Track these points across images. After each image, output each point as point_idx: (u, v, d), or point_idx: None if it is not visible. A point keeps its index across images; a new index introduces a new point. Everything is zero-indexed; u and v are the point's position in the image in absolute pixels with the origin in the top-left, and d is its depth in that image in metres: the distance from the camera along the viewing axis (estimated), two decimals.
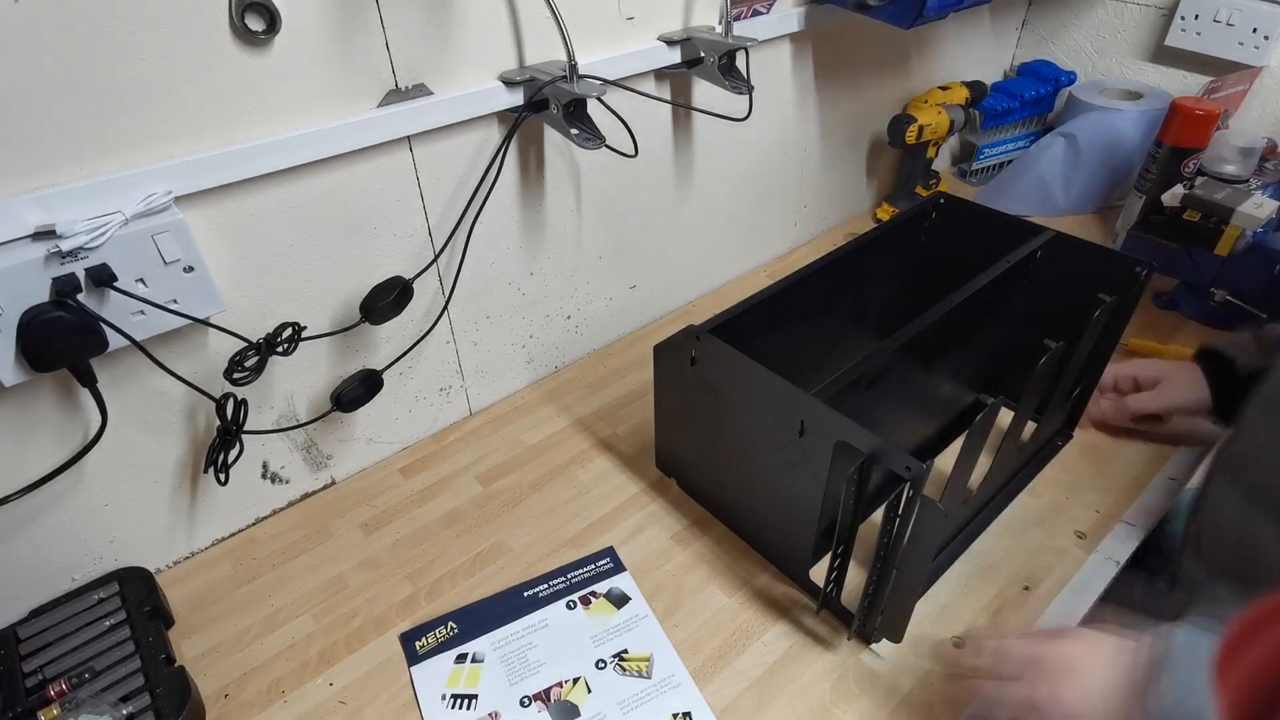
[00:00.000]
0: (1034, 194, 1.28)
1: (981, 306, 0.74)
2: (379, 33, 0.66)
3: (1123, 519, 0.78)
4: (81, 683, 0.61)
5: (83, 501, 0.69)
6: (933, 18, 0.95)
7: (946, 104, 1.21)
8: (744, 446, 0.70)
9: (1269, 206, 0.95)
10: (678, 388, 0.75)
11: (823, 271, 0.78)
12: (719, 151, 1.03)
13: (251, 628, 0.71)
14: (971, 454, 0.64)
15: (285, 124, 0.65)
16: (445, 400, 0.92)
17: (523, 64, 0.77)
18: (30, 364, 0.57)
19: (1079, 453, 0.86)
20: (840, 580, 0.67)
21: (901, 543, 0.58)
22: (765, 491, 0.70)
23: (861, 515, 0.63)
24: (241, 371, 0.68)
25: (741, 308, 0.72)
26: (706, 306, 1.13)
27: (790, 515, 0.68)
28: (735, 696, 0.64)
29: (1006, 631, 0.61)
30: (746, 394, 0.66)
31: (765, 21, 0.95)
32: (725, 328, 0.70)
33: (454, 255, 0.83)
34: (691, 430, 0.76)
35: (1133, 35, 1.31)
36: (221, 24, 0.58)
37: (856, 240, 0.82)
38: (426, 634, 0.70)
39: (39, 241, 0.55)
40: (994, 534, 0.77)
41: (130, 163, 0.58)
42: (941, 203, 0.87)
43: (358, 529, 0.81)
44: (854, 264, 0.82)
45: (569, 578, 0.74)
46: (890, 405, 0.72)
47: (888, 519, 0.58)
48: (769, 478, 0.69)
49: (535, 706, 0.64)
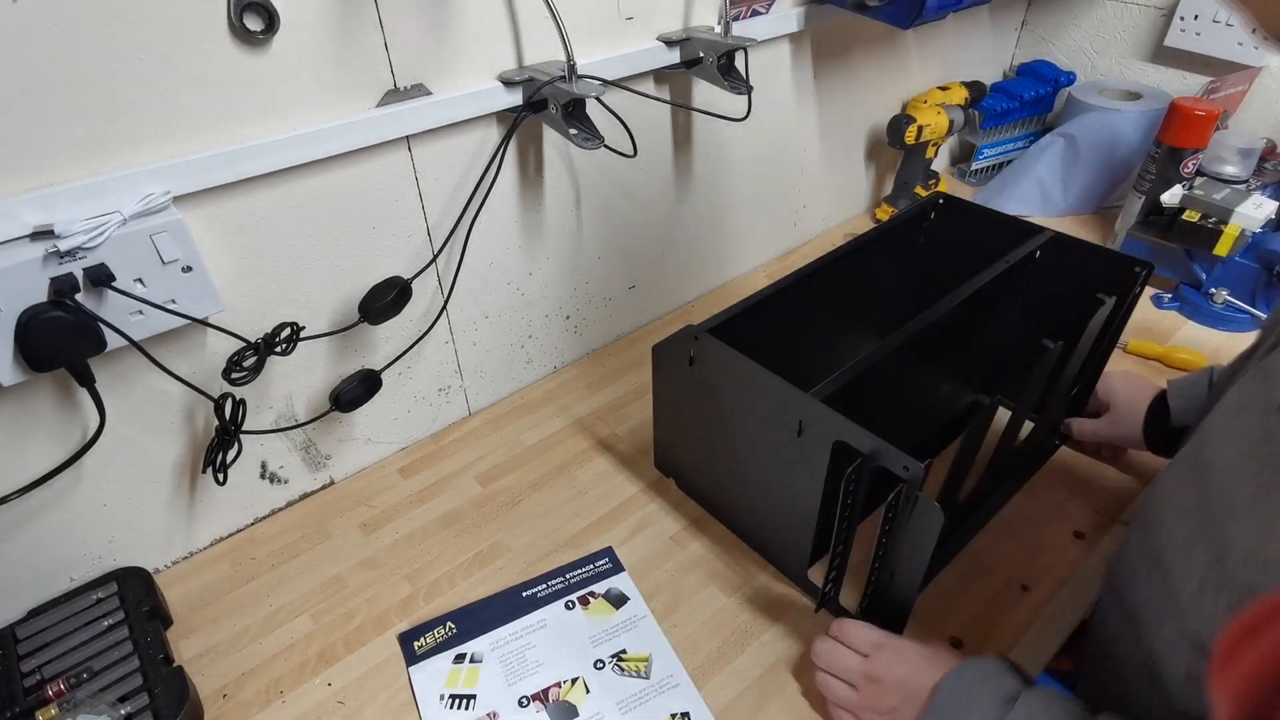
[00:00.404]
0: (1033, 194, 1.28)
1: (980, 307, 0.74)
2: (378, 32, 0.66)
3: (1121, 519, 0.78)
4: (80, 683, 0.61)
5: (81, 501, 0.69)
6: (932, 18, 0.95)
7: (946, 104, 1.21)
8: (742, 446, 0.70)
9: (1268, 207, 0.95)
10: (676, 388, 0.75)
11: (821, 272, 0.78)
12: (718, 152, 1.03)
13: (250, 628, 0.71)
14: (969, 454, 0.64)
15: (283, 124, 0.65)
16: (444, 400, 0.92)
17: (522, 64, 0.77)
18: (28, 364, 0.57)
19: (1078, 452, 0.86)
20: (839, 580, 0.67)
21: (900, 542, 0.58)
22: (764, 491, 0.70)
23: (860, 515, 0.63)
24: (240, 371, 0.68)
25: (740, 308, 0.72)
26: (706, 306, 1.13)
27: (789, 515, 0.68)
28: (734, 697, 0.64)
29: (845, 630, 0.62)
30: (745, 394, 0.66)
31: (764, 21, 0.95)
32: (724, 327, 0.70)
33: (453, 255, 0.83)
34: (690, 430, 0.76)
35: (1132, 35, 1.31)
36: (220, 24, 0.58)
37: (855, 241, 0.82)
38: (425, 634, 0.70)
39: (37, 241, 0.55)
40: (992, 534, 0.77)
41: (128, 162, 0.58)
42: (940, 203, 0.87)
43: (356, 529, 0.81)
44: (853, 264, 0.82)
45: (568, 578, 0.74)
46: (888, 405, 0.72)
47: (886, 519, 0.58)
48: (767, 478, 0.69)
49: (534, 707, 0.64)
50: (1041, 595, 0.71)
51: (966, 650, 0.67)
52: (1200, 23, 1.20)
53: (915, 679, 0.56)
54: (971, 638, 0.68)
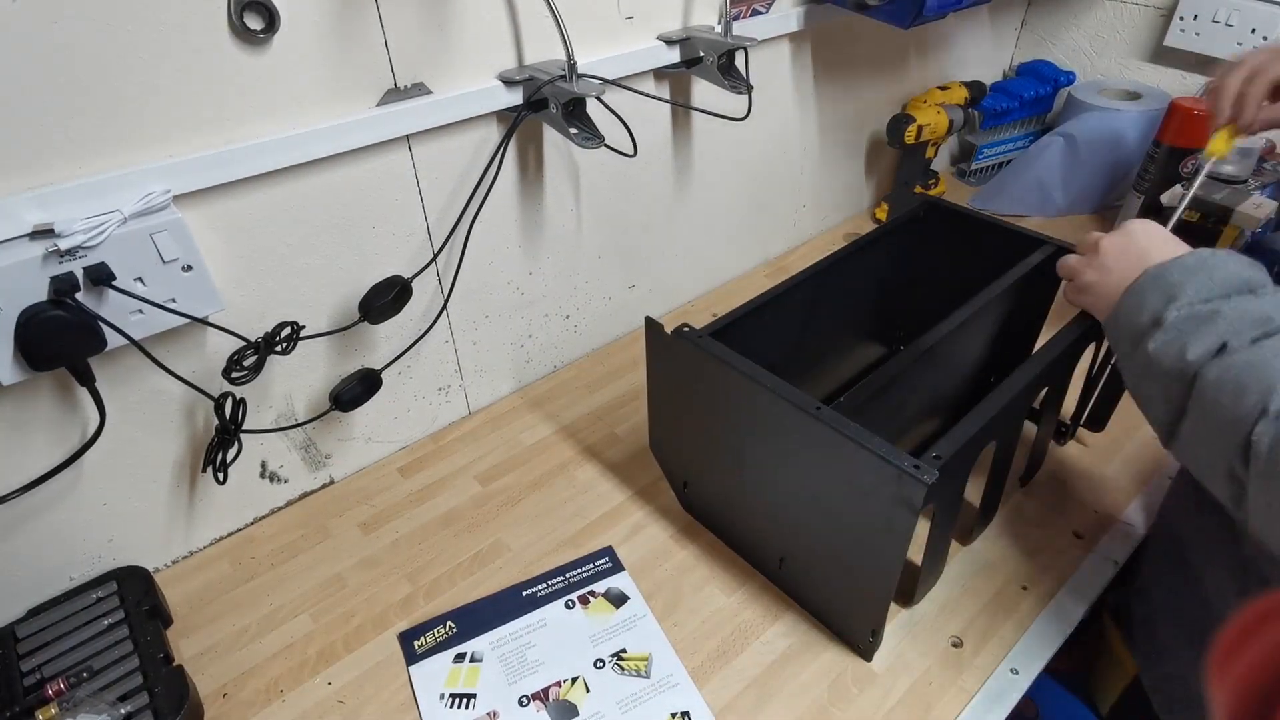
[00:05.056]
0: (1032, 194, 1.28)
1: (986, 315, 0.74)
2: (378, 31, 0.66)
3: (1121, 519, 0.78)
4: (79, 682, 0.61)
5: (81, 500, 0.69)
6: (932, 18, 0.95)
7: (945, 104, 1.21)
8: (740, 447, 0.70)
9: (1268, 207, 0.95)
10: (671, 387, 0.75)
11: (815, 278, 0.78)
12: (718, 151, 1.03)
13: (250, 627, 0.71)
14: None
15: (284, 123, 0.65)
16: (444, 400, 0.92)
17: (522, 63, 0.77)
18: (28, 363, 0.57)
19: (1077, 452, 0.86)
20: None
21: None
22: (765, 499, 0.70)
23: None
24: (240, 370, 0.68)
25: (738, 313, 0.72)
26: (705, 306, 1.13)
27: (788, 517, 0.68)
28: (734, 696, 0.64)
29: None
30: (743, 397, 0.66)
31: (764, 21, 0.95)
32: (724, 331, 0.70)
33: (453, 254, 0.82)
34: (688, 431, 0.76)
35: (1131, 35, 1.31)
36: (220, 23, 0.58)
37: (848, 246, 0.82)
38: (425, 633, 0.70)
39: (37, 240, 0.55)
40: (992, 534, 0.77)
41: (128, 161, 0.58)
42: (922, 215, 0.88)
43: (356, 528, 0.81)
44: (850, 268, 0.82)
45: (567, 577, 0.74)
46: (893, 408, 0.72)
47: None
48: (767, 478, 0.68)
49: (534, 706, 0.64)
50: (1041, 595, 0.71)
51: (966, 650, 0.67)
52: (1200, 23, 1.20)
53: (1139, 247, 0.60)
54: (971, 637, 0.68)
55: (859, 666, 0.66)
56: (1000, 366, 0.88)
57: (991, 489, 0.74)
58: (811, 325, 0.82)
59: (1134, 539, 0.76)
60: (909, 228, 0.88)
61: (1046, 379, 0.68)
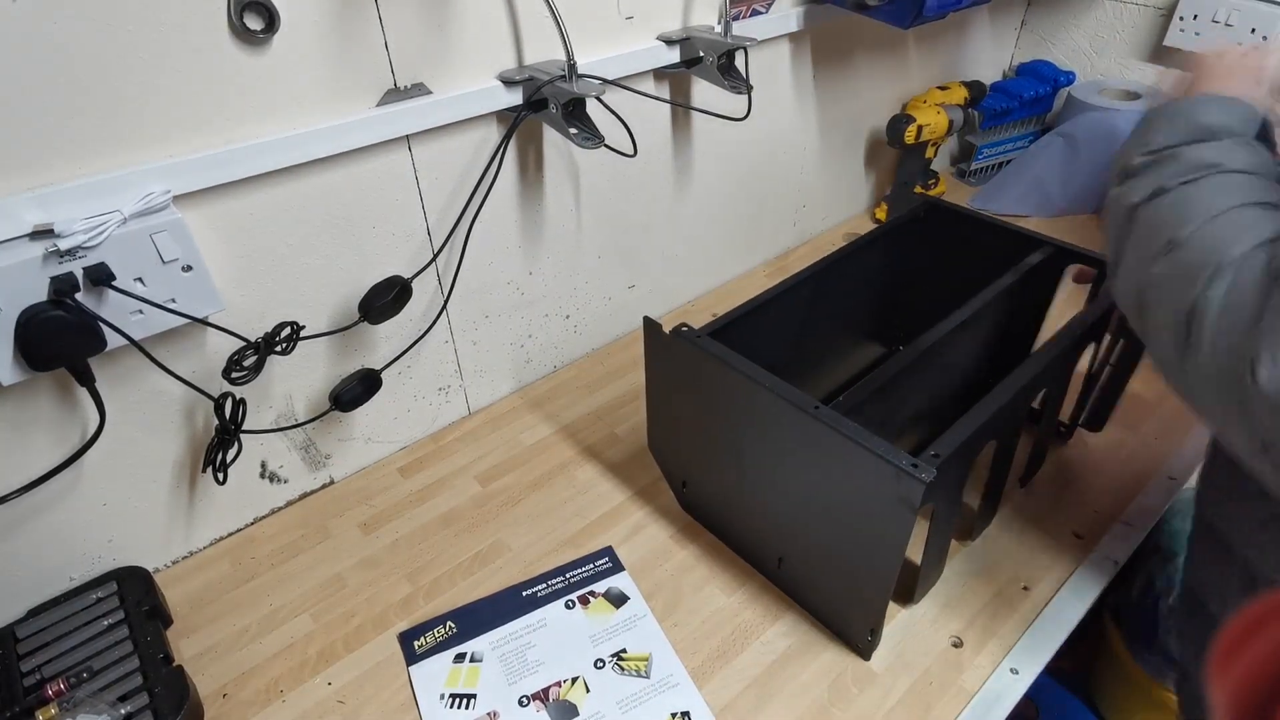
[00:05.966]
0: (1032, 194, 1.28)
1: (985, 315, 0.74)
2: (378, 32, 0.66)
3: (1121, 518, 0.78)
4: (79, 682, 0.61)
5: (81, 501, 0.69)
6: (932, 18, 0.95)
7: (945, 104, 1.21)
8: (739, 447, 0.70)
9: None
10: (669, 387, 0.75)
11: (815, 278, 0.78)
12: (718, 151, 1.03)
13: (250, 627, 0.71)
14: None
15: (284, 123, 0.65)
16: (444, 400, 0.92)
17: (522, 63, 0.77)
18: (28, 363, 0.57)
19: (1077, 452, 0.86)
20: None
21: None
22: (763, 499, 0.70)
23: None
24: (240, 371, 0.68)
25: (737, 313, 0.72)
26: (705, 306, 1.13)
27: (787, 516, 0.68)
28: (734, 696, 0.64)
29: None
30: (742, 397, 0.66)
31: (764, 21, 0.95)
32: (722, 332, 0.70)
33: (453, 255, 0.82)
34: (686, 431, 0.76)
35: (1131, 35, 1.31)
36: (220, 23, 0.58)
37: (847, 247, 0.82)
38: (425, 633, 0.70)
39: (37, 240, 0.55)
40: (992, 533, 0.77)
41: (128, 161, 0.58)
42: (922, 215, 0.88)
43: (356, 528, 0.81)
44: (850, 268, 0.82)
45: (567, 577, 0.74)
46: (891, 408, 0.72)
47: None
48: (765, 478, 0.68)
49: (534, 706, 0.64)
50: (1041, 595, 0.71)
51: (966, 650, 0.67)
52: (1199, 23, 1.20)
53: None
54: (971, 637, 0.68)
55: (859, 666, 0.66)
56: (999, 367, 0.88)
57: (991, 489, 0.74)
58: (811, 325, 0.82)
59: (1134, 539, 0.76)
60: (909, 228, 0.88)
61: (1045, 379, 0.69)
